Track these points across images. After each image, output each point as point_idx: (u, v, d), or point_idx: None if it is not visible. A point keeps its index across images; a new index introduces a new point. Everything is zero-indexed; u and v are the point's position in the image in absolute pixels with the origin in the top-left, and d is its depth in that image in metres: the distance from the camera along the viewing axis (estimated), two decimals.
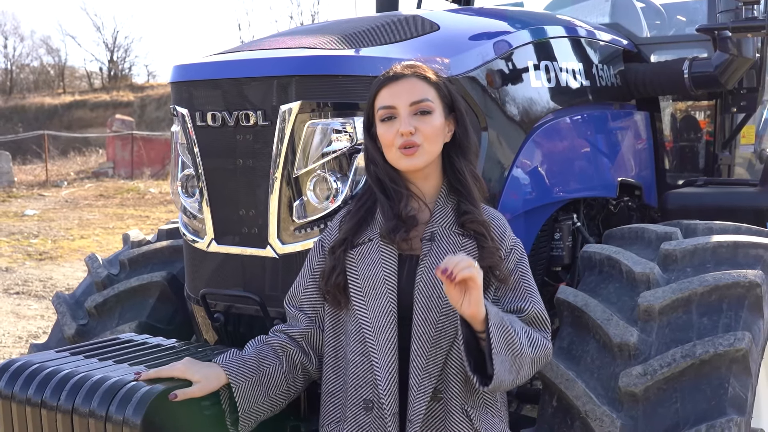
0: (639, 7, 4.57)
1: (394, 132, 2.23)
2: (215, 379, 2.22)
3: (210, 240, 2.78)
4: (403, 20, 2.94)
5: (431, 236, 2.24)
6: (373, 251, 2.26)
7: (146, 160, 25.70)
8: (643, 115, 4.08)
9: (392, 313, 2.20)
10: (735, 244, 2.69)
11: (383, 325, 2.20)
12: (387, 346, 2.19)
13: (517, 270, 2.26)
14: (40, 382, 2.29)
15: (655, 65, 4.09)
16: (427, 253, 2.22)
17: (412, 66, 2.29)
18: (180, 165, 2.92)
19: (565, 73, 3.39)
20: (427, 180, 2.30)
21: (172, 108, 2.87)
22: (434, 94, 2.27)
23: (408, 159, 2.23)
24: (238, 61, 2.67)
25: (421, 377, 2.16)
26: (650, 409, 2.33)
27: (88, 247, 12.64)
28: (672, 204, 3.70)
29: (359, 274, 2.26)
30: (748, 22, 3.52)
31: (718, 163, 4.20)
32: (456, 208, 2.28)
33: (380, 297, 2.22)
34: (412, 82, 2.25)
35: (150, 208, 17.91)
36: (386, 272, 2.23)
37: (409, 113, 2.23)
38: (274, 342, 2.34)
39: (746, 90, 4.07)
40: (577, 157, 3.50)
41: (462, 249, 2.20)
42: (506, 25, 3.21)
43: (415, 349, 2.17)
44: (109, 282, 3.54)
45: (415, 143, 2.21)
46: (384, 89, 2.26)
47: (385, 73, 2.30)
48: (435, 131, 2.24)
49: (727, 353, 2.33)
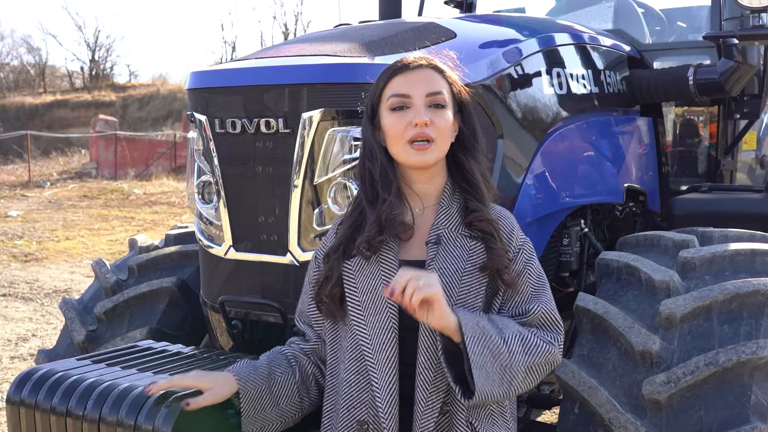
0: (641, 13, 4.60)
1: (406, 122, 2.09)
2: (227, 386, 2.17)
3: (228, 247, 2.77)
4: (420, 28, 2.95)
5: (437, 239, 2.13)
6: (371, 261, 2.13)
7: (130, 160, 25.59)
8: (646, 120, 4.11)
9: (393, 329, 2.09)
10: (752, 252, 2.72)
11: (383, 343, 2.09)
12: (387, 365, 2.08)
13: (526, 270, 2.15)
14: (65, 391, 2.28)
15: (659, 71, 4.11)
16: (434, 258, 2.11)
17: (428, 57, 2.18)
18: (196, 171, 2.92)
19: (576, 80, 3.41)
20: (433, 180, 2.18)
21: (189, 114, 2.86)
22: (447, 89, 2.16)
23: (420, 155, 2.10)
24: (259, 68, 2.67)
25: (429, 392, 2.06)
26: (674, 416, 2.35)
27: (73, 248, 12.58)
28: (679, 210, 3.73)
29: (357, 287, 2.14)
30: (755, 30, 3.55)
31: (720, 168, 4.23)
32: (462, 207, 2.16)
33: (380, 312, 2.10)
34: (428, 73, 2.15)
35: (135, 209, 17.84)
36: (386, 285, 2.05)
37: (424, 104, 2.11)
38: (288, 351, 2.31)
39: (749, 97, 4.11)
40: (587, 163, 3.52)
41: (470, 251, 2.11)
42: (520, 32, 3.22)
43: (423, 361, 2.06)
44: (119, 287, 3.53)
45: (429, 137, 2.09)
46: (398, 76, 2.14)
47: (398, 61, 2.18)
48: (447, 126, 2.13)
49: (750, 361, 2.35)
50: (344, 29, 3.10)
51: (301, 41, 2.94)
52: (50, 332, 7.65)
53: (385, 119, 2.14)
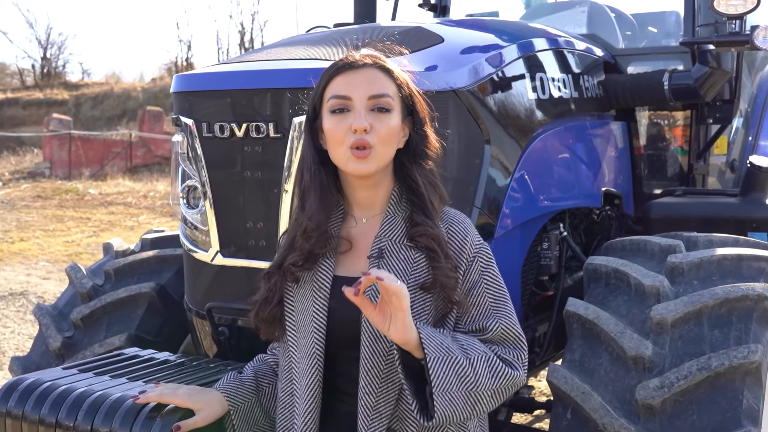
0: (613, 18, 4.64)
1: (346, 127, 1.93)
2: (217, 407, 2.12)
3: (215, 252, 2.74)
4: (407, 32, 2.93)
5: (379, 252, 1.96)
6: (308, 279, 2.00)
7: (84, 160, 25.25)
8: (620, 125, 4.15)
9: (315, 354, 1.96)
10: (739, 257, 2.75)
11: (305, 368, 1.97)
12: (308, 391, 1.97)
13: (482, 281, 1.99)
14: (54, 401, 2.23)
15: (634, 76, 4.15)
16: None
17: (374, 55, 2.00)
18: (181, 175, 2.87)
19: (557, 85, 3.43)
20: (377, 188, 2.02)
21: (175, 118, 2.82)
22: (395, 91, 1.97)
23: (357, 163, 1.93)
24: (249, 72, 2.64)
25: (371, 417, 1.91)
26: (667, 421, 2.36)
27: (28, 250, 12.35)
28: (655, 213, 3.76)
29: (294, 308, 2.02)
30: (732, 36, 3.60)
31: (693, 172, 4.28)
32: (407, 218, 2.00)
33: (307, 335, 1.97)
34: (372, 73, 1.96)
35: (90, 209, 17.58)
36: (316, 306, 1.98)
37: (366, 108, 1.93)
38: (270, 359, 2.27)
39: (721, 102, 4.16)
40: (567, 168, 3.54)
41: (414, 265, 1.95)
42: (506, 37, 3.22)
43: (364, 385, 1.92)
44: (95, 293, 3.47)
45: (367, 143, 1.91)
46: (339, 76, 1.96)
47: (342, 58, 2.01)
48: (391, 133, 1.95)
49: (742, 365, 2.38)
50: (331, 32, 3.08)
51: (288, 44, 2.91)
52: (7, 336, 7.49)
53: (325, 122, 1.98)
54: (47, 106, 36.06)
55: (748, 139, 4.66)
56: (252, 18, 59.04)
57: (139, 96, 36.54)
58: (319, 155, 2.02)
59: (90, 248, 12.22)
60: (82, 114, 35.89)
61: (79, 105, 37.26)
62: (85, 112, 36.27)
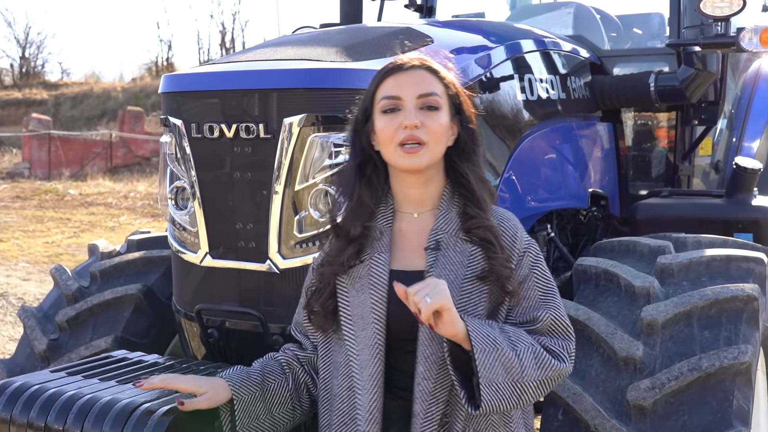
0: (599, 19, 4.66)
1: (397, 125, 2.01)
2: (223, 392, 2.12)
3: (204, 254, 2.72)
4: (398, 33, 2.93)
5: (436, 244, 2.05)
6: (363, 273, 2.06)
7: (64, 160, 25.08)
8: (607, 126, 4.17)
9: (377, 345, 2.03)
10: (728, 258, 2.77)
11: (368, 359, 2.03)
12: (371, 383, 2.02)
13: (532, 274, 2.07)
14: (43, 405, 2.20)
15: (620, 78, 4.18)
16: (433, 264, 2.03)
17: (422, 58, 2.11)
18: (169, 176, 2.85)
19: (545, 86, 3.44)
20: (429, 185, 2.10)
21: (163, 118, 2.80)
22: (442, 91, 2.07)
23: (410, 158, 2.01)
24: (239, 72, 2.62)
25: (428, 403, 1.99)
26: (658, 422, 2.37)
27: (8, 250, 12.24)
28: (642, 214, 3.78)
29: (350, 301, 2.08)
30: (718, 38, 3.62)
31: (678, 173, 4.30)
32: (461, 212, 2.08)
33: (367, 327, 2.03)
34: (420, 74, 2.06)
35: (70, 210, 17.45)
36: (374, 298, 2.04)
37: (416, 106, 2.03)
38: (281, 358, 2.25)
39: (707, 103, 4.19)
40: (555, 169, 3.56)
41: (470, 257, 2.03)
42: (494, 38, 3.23)
43: (421, 372, 1.99)
44: (81, 295, 3.43)
45: (420, 139, 2.00)
46: (389, 78, 2.07)
47: (391, 62, 2.11)
48: (440, 129, 2.04)
49: (732, 366, 2.39)
50: (320, 33, 3.07)
51: (277, 45, 2.89)
52: None
53: (377, 122, 2.07)
54: (26, 105, 35.80)
55: (732, 141, 4.69)
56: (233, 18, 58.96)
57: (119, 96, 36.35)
58: (368, 156, 2.11)
59: (70, 249, 12.13)
60: (61, 114, 35.64)
61: (59, 105, 37.01)
62: (64, 112, 36.03)
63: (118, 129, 28.91)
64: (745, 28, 3.55)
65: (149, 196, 18.96)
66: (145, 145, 28.28)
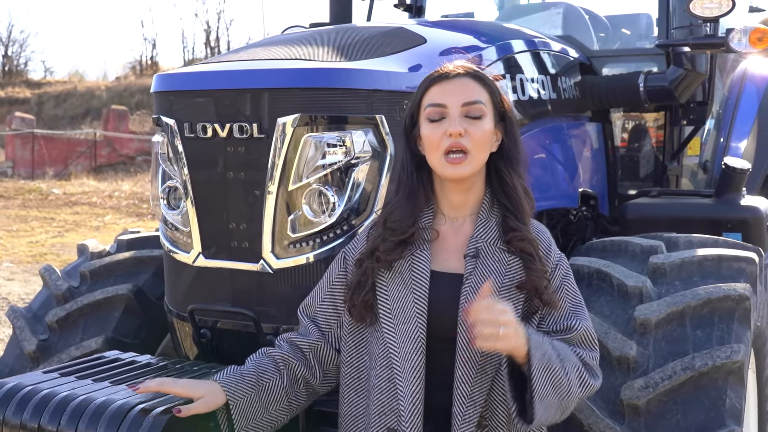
0: (587, 20, 4.68)
1: (442, 132, 2.07)
2: (219, 395, 2.13)
3: (197, 254, 2.71)
4: (390, 33, 2.93)
5: (476, 252, 2.11)
6: (404, 269, 2.13)
7: (48, 159, 24.93)
8: (596, 126, 4.18)
9: (420, 338, 2.08)
10: (719, 258, 2.78)
11: (410, 352, 2.08)
12: (413, 374, 2.07)
13: (563, 287, 2.13)
14: (36, 406, 2.19)
15: (610, 78, 4.20)
16: (471, 272, 2.09)
17: (466, 65, 2.15)
18: (161, 176, 2.84)
19: (537, 86, 3.45)
20: (470, 192, 2.16)
21: (156, 118, 2.78)
22: (487, 98, 2.13)
23: (454, 167, 2.07)
24: (233, 72, 2.61)
25: (465, 405, 2.05)
26: (652, 421, 2.39)
27: None
28: (632, 214, 3.80)
29: (389, 295, 2.13)
30: (707, 39, 3.64)
31: (666, 173, 4.32)
32: (500, 222, 2.14)
33: (409, 321, 2.09)
34: (465, 82, 2.11)
35: (54, 209, 17.36)
36: (416, 294, 2.10)
37: (460, 114, 2.08)
38: (276, 354, 2.25)
39: (695, 104, 4.21)
40: (547, 168, 3.57)
41: (508, 266, 2.10)
42: (487, 38, 3.24)
43: (460, 375, 2.05)
44: (71, 295, 3.41)
45: (464, 147, 2.06)
46: (435, 86, 2.12)
47: (436, 70, 2.16)
48: (484, 137, 2.09)
49: (725, 365, 2.41)
50: (311, 32, 3.06)
51: (270, 44, 2.88)
52: None
53: (423, 129, 2.13)
54: (9, 104, 35.57)
55: (720, 141, 4.72)
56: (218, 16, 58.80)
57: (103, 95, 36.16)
58: (416, 159, 2.17)
59: (55, 249, 12.07)
60: (44, 113, 35.42)
61: (42, 104, 36.78)
62: (47, 111, 35.81)
63: (103, 128, 28.76)
64: (734, 29, 3.57)
65: (134, 196, 18.90)
66: (130, 144, 28.15)
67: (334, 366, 2.27)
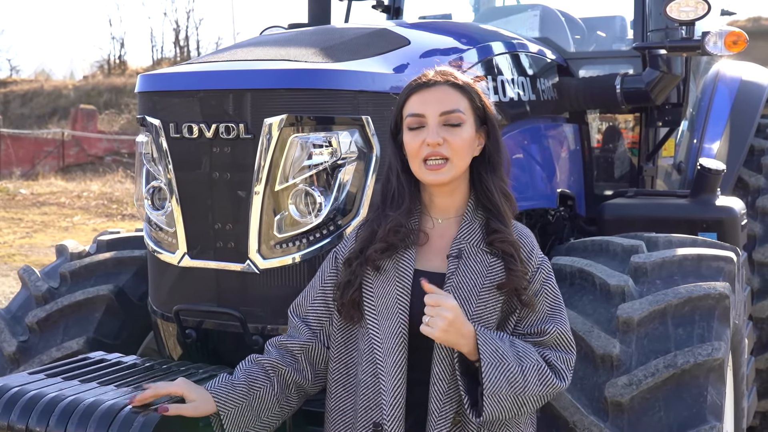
0: (564, 22, 4.72)
1: (421, 142, 2.13)
2: (211, 403, 2.16)
3: (182, 254, 2.70)
4: (374, 34, 2.95)
5: (458, 253, 2.16)
6: (389, 267, 2.17)
7: (15, 159, 24.62)
8: (573, 127, 4.22)
9: (402, 335, 2.12)
10: (699, 257, 2.83)
11: (392, 347, 2.12)
12: (395, 370, 2.11)
13: (543, 290, 2.18)
14: (23, 407, 2.19)
15: (587, 80, 4.24)
16: (453, 272, 2.14)
17: (445, 73, 2.19)
18: (145, 176, 2.83)
19: (517, 88, 3.48)
20: (453, 195, 2.21)
21: (140, 118, 2.78)
22: (466, 105, 2.16)
23: (433, 174, 2.13)
24: (219, 72, 2.61)
25: (442, 402, 2.09)
26: (635, 418, 2.42)
27: None
28: (609, 214, 3.84)
29: (374, 292, 2.17)
30: (683, 42, 3.69)
31: (642, 174, 4.37)
32: (484, 224, 2.19)
33: (391, 317, 2.14)
34: (444, 90, 2.15)
35: (22, 210, 17.14)
36: (399, 291, 2.15)
37: (438, 123, 2.13)
38: (265, 362, 2.26)
39: (670, 105, 4.26)
40: (525, 170, 3.60)
41: (489, 268, 2.14)
42: (469, 39, 3.27)
43: (436, 372, 2.10)
44: (51, 296, 3.38)
45: (443, 155, 2.11)
46: (414, 95, 2.17)
47: (416, 78, 2.20)
48: (464, 144, 2.14)
49: (706, 363, 2.45)
50: (297, 33, 3.06)
51: (255, 44, 2.89)
52: None
53: (404, 137, 2.18)
54: None
55: (694, 142, 4.78)
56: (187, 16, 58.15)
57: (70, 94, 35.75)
58: (402, 163, 2.21)
59: (23, 249, 11.94)
60: (10, 112, 34.95)
61: (8, 103, 36.29)
62: (14, 110, 35.33)
63: (71, 127, 28.45)
64: (710, 32, 3.63)
65: (103, 196, 18.71)
66: (99, 144, 27.88)
67: (325, 365, 2.29)
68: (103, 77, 39.11)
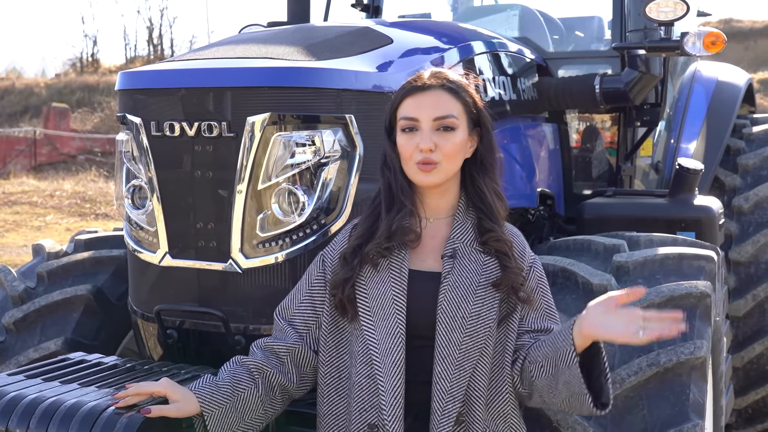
0: (543, 22, 4.74)
1: (414, 146, 2.13)
2: (194, 403, 2.14)
3: (164, 253, 2.68)
4: (357, 33, 2.94)
5: (453, 252, 2.17)
6: (383, 267, 2.16)
7: None
8: (552, 127, 4.24)
9: (400, 335, 2.12)
10: (680, 256, 2.85)
11: (390, 348, 2.11)
12: (393, 369, 2.10)
13: (539, 288, 2.22)
14: (3, 409, 2.16)
15: (566, 80, 4.25)
16: (449, 271, 2.15)
17: (440, 76, 2.19)
18: (125, 175, 2.80)
19: (496, 87, 3.48)
20: (444, 196, 2.22)
21: (121, 116, 2.75)
22: (460, 109, 2.17)
23: (424, 175, 2.14)
24: (202, 70, 2.60)
25: (445, 401, 2.09)
26: (619, 416, 2.43)
27: None
28: (589, 214, 3.86)
29: (368, 293, 2.16)
30: (662, 42, 3.71)
31: (620, 174, 4.40)
32: (476, 224, 2.20)
33: (388, 318, 2.13)
34: (438, 94, 2.15)
35: None
36: (396, 291, 2.14)
37: (431, 128, 2.13)
38: (250, 364, 2.24)
39: (649, 105, 4.29)
40: (507, 169, 3.59)
41: (484, 266, 2.16)
42: (449, 39, 3.27)
43: (439, 371, 2.10)
44: (27, 296, 3.35)
45: (433, 161, 2.12)
46: (409, 98, 2.17)
47: (411, 80, 2.20)
48: (456, 149, 2.15)
49: (688, 361, 2.46)
50: (280, 31, 3.04)
51: (237, 42, 2.87)
52: None
53: (398, 138, 2.18)
54: None
55: (671, 142, 4.82)
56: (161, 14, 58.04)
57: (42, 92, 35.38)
58: (397, 162, 2.20)
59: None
60: None
61: None
62: None
63: (43, 126, 28.15)
64: (689, 33, 3.65)
65: (76, 195, 18.54)
66: (71, 143, 27.60)
67: (311, 368, 2.27)
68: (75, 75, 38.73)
